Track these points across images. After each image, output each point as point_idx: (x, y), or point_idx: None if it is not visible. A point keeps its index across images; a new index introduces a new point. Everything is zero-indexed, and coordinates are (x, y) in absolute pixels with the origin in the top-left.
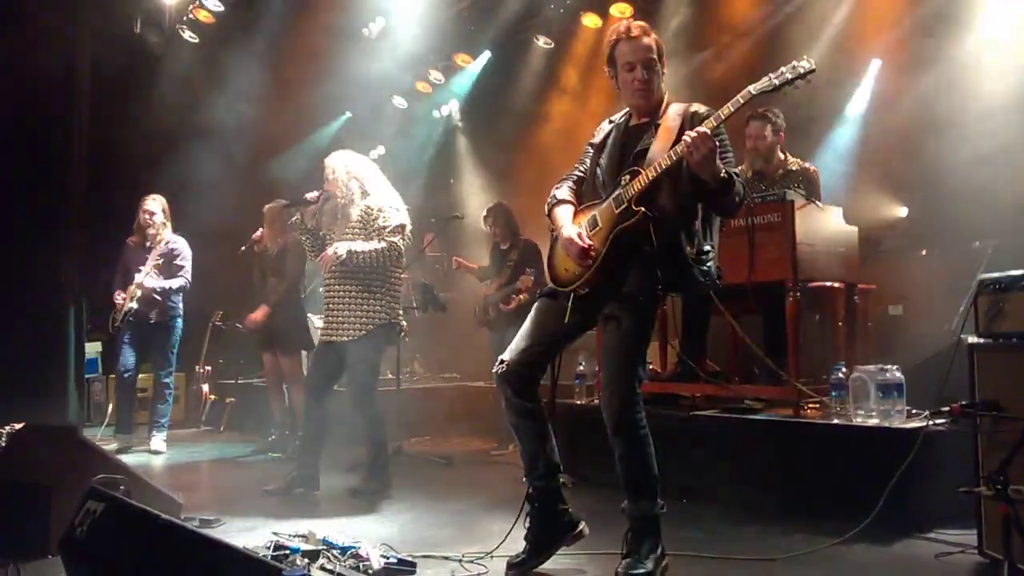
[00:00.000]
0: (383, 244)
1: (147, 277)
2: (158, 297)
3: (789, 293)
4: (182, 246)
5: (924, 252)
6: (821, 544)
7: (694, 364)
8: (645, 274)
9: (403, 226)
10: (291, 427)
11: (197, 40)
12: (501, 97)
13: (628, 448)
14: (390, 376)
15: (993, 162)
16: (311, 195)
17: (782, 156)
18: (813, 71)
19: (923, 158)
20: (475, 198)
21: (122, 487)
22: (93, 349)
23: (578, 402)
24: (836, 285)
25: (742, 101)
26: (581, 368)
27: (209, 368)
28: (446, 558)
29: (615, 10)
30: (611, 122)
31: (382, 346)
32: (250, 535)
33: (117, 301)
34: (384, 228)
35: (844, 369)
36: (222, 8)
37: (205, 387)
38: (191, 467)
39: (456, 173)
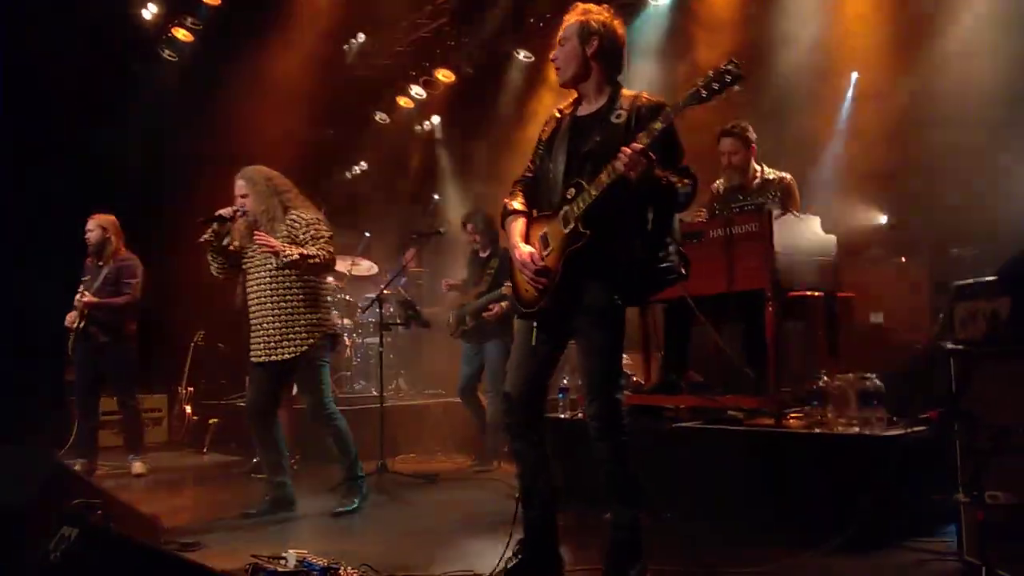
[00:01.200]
0: (323, 252)
1: (88, 295)
2: (103, 316)
3: (768, 302)
4: (131, 264)
5: (904, 259)
6: (805, 553)
7: (676, 375)
8: (604, 286)
9: (331, 237)
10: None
11: (176, 59)
12: (482, 112)
13: (611, 454)
14: (374, 393)
15: (973, 169)
16: (226, 211)
17: (757, 167)
18: (741, 77)
19: (903, 165)
20: (457, 213)
21: (99, 511)
22: (74, 371)
23: (562, 416)
24: (815, 294)
25: (672, 116)
26: (566, 382)
27: (191, 389)
28: None
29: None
30: (559, 112)
31: (327, 357)
32: (229, 558)
33: (67, 321)
34: (319, 238)
35: (825, 378)
36: (200, 27)
37: (187, 408)
38: (173, 489)
39: (439, 188)
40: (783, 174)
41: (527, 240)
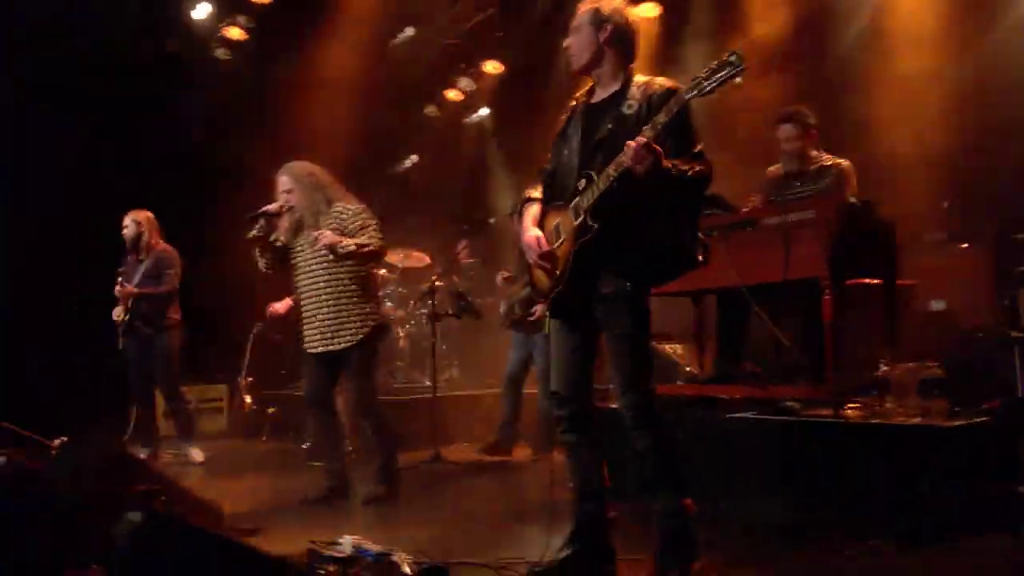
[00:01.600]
0: (376, 241)
1: (129, 286)
2: (146, 308)
3: (825, 291)
4: (169, 255)
5: (966, 245)
6: (865, 544)
7: (731, 366)
8: (616, 274)
9: (379, 226)
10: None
11: (229, 57)
12: (531, 102)
13: (650, 442)
14: (427, 383)
15: None
16: (272, 207)
17: (815, 153)
18: (743, 69)
19: (963, 148)
20: (509, 202)
21: (162, 498)
22: None
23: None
24: (874, 281)
25: (676, 108)
26: None
27: (251, 379)
28: (482, 565)
29: (643, 9)
30: (574, 100)
31: (376, 349)
32: (288, 544)
33: (114, 316)
34: (367, 228)
35: (884, 367)
36: (254, 25)
37: (247, 398)
38: (232, 477)
39: (490, 179)
40: (840, 160)
41: (542, 229)
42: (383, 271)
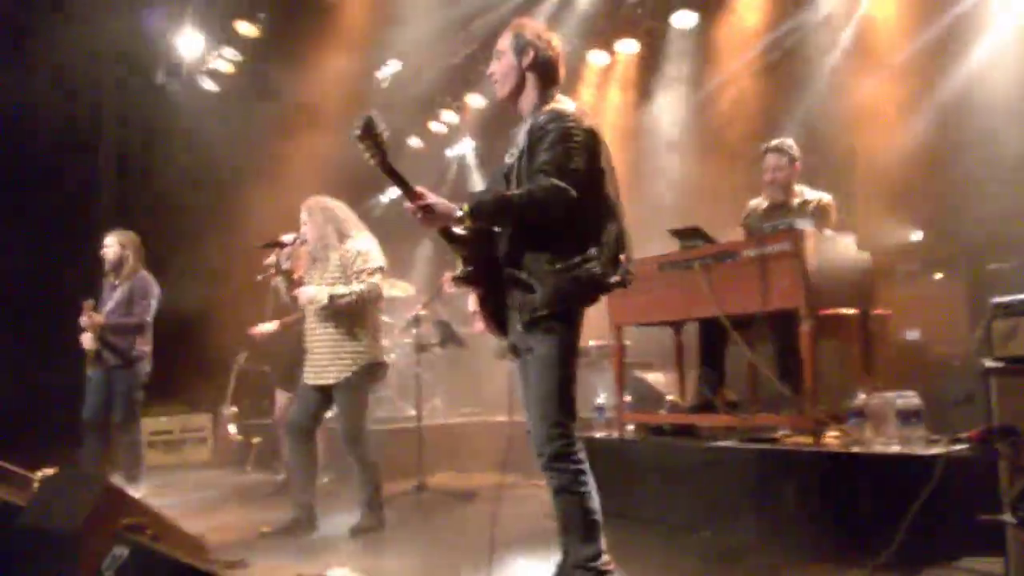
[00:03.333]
0: (363, 286)
1: (98, 315)
2: (114, 339)
3: (803, 321)
4: (145, 284)
5: (940, 275)
6: (845, 574)
7: (712, 394)
8: (515, 307)
9: (382, 268)
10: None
11: (217, 89)
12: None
13: (556, 484)
14: (412, 413)
15: (1009, 181)
16: (286, 237)
17: (798, 188)
18: (358, 137)
19: (937, 180)
20: None
21: (148, 531)
22: None
23: (597, 435)
24: (850, 312)
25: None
26: (600, 400)
27: (235, 409)
28: None
29: (620, 46)
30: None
31: (368, 386)
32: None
33: (82, 342)
34: (363, 271)
35: (862, 396)
36: (241, 58)
37: (231, 428)
38: (217, 507)
39: None
40: (822, 194)
41: None
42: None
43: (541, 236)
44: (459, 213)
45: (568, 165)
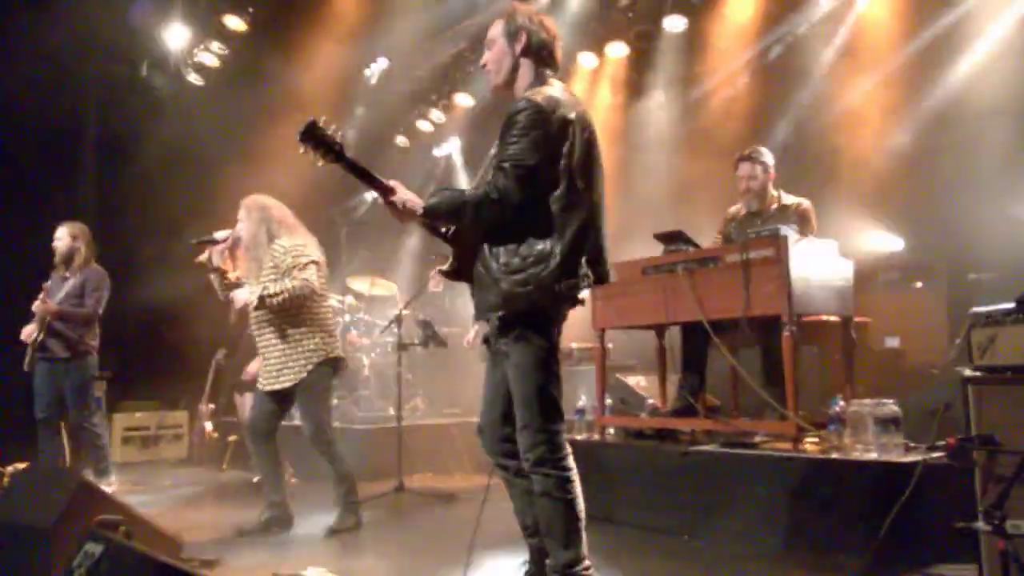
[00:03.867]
0: (294, 283)
1: (50, 303)
2: (64, 329)
3: (785, 328)
4: (98, 276)
5: (920, 284)
6: None
7: (693, 399)
8: (479, 305)
9: (315, 262)
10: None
11: (202, 83)
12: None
13: (539, 488)
14: (391, 412)
15: (990, 192)
16: (220, 234)
17: (775, 193)
18: (300, 138)
19: (919, 189)
20: None
21: (122, 528)
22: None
23: (578, 437)
24: (832, 319)
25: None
26: (581, 403)
27: (212, 406)
28: None
29: (610, 49)
30: None
31: (327, 383)
32: (250, 575)
33: (23, 335)
34: (294, 267)
35: (842, 402)
36: (227, 52)
37: (208, 425)
38: (193, 505)
39: None
40: (801, 199)
41: None
42: (349, 299)
43: (499, 233)
44: (419, 211)
45: (527, 161)
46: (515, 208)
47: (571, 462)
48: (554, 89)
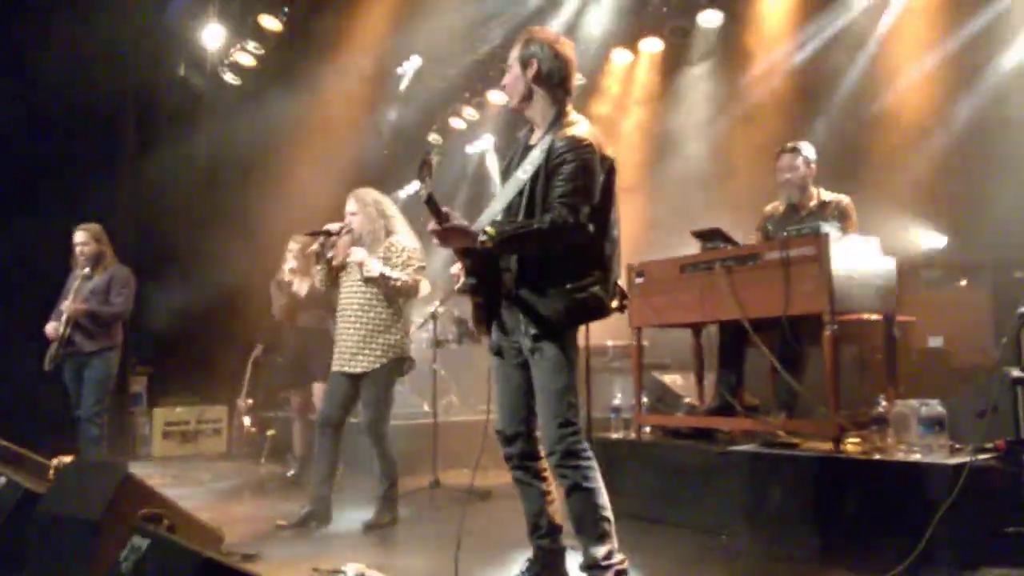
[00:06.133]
0: (412, 278)
1: (78, 302)
2: (91, 325)
3: (826, 326)
4: (125, 275)
5: (965, 282)
6: None
7: (731, 398)
8: (524, 319)
9: (424, 268)
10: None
11: (239, 82)
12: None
13: (569, 482)
14: (427, 409)
15: None
16: (333, 226)
17: (815, 190)
18: (419, 173)
19: (962, 186)
20: None
21: (165, 521)
22: (138, 383)
23: (614, 435)
24: (874, 317)
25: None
26: (617, 401)
27: (251, 401)
28: None
29: (644, 44)
30: (520, 135)
31: (394, 379)
32: (290, 570)
33: (47, 331)
34: (408, 266)
35: (884, 403)
36: (263, 51)
37: (247, 420)
38: (232, 499)
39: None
40: (840, 196)
41: None
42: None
43: (552, 258)
44: (483, 237)
45: (587, 200)
46: (578, 242)
47: (590, 452)
48: (583, 125)
